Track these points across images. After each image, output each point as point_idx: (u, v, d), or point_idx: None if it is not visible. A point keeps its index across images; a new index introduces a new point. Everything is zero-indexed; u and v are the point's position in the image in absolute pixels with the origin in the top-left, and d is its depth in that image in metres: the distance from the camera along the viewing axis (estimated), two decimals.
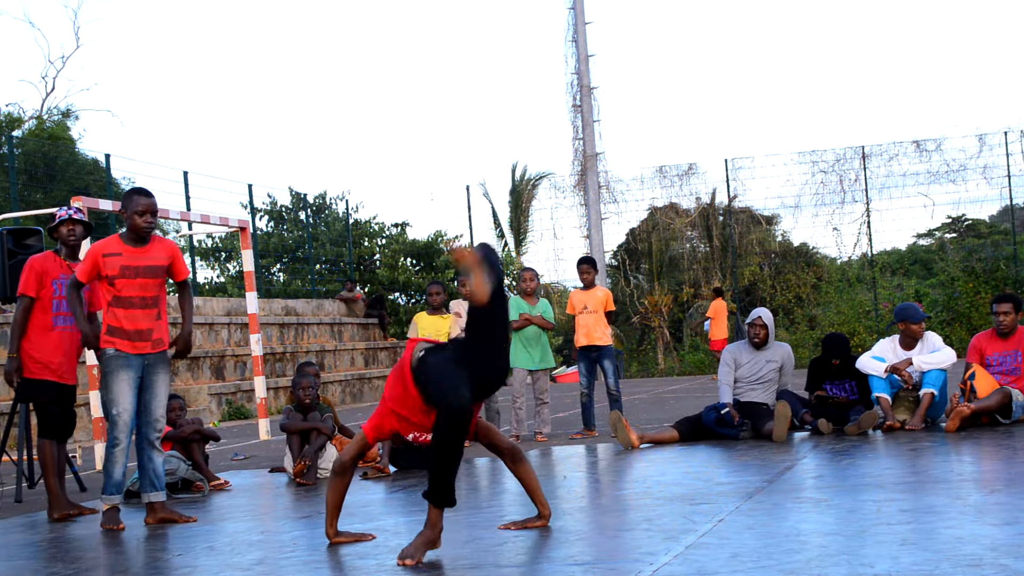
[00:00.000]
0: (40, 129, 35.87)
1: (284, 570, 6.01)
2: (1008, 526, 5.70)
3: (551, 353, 12.90)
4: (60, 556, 6.96)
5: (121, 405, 7.67)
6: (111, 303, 7.72)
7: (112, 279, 7.68)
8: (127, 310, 7.72)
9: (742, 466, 9.03)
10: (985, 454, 8.93)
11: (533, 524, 6.59)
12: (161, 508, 7.92)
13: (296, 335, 26.74)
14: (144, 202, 7.77)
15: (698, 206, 33.97)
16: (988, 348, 10.90)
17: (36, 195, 25.55)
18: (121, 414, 7.66)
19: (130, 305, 7.74)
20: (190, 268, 30.61)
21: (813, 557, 5.18)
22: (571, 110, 30.44)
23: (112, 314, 7.72)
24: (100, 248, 7.74)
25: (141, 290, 7.77)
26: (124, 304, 7.72)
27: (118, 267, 7.69)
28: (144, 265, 7.79)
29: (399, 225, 36.73)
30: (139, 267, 7.76)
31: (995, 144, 30.19)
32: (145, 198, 7.81)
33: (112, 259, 7.70)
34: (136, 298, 7.76)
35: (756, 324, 11.18)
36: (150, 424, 7.84)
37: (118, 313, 7.71)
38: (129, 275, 7.72)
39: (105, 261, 7.69)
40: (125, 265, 7.71)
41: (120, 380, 7.67)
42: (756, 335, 11.15)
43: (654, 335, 34.01)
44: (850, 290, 31.09)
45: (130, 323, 7.72)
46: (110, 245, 7.76)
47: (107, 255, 7.70)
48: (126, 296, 7.72)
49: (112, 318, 7.72)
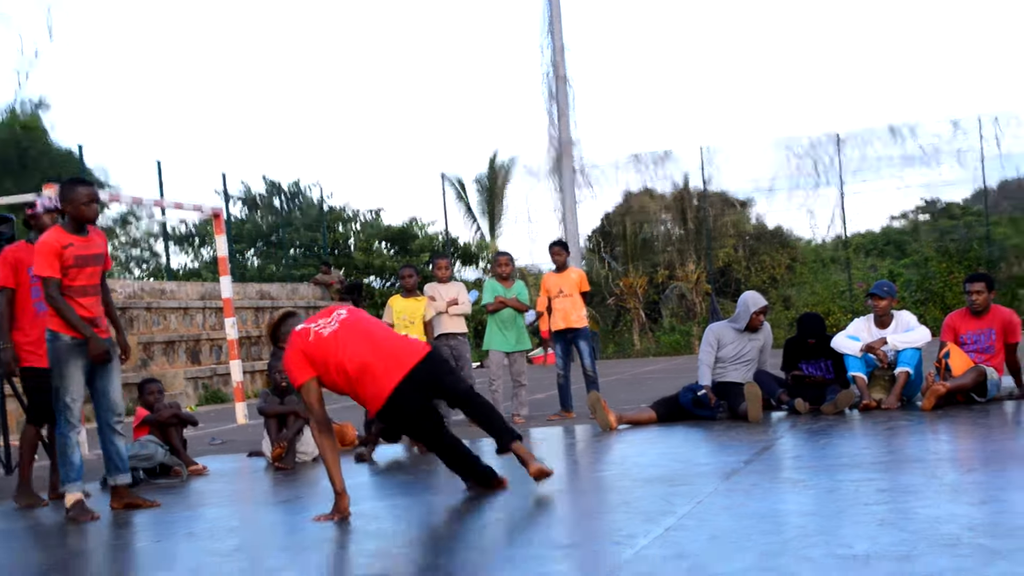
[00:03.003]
0: (13, 121, 35.61)
1: (264, 556, 6.01)
2: (984, 505, 5.74)
3: (527, 335, 12.90)
4: (38, 544, 6.94)
5: (75, 392, 7.67)
6: (64, 293, 7.66)
7: (67, 269, 7.66)
8: (80, 298, 7.70)
9: (720, 447, 9.06)
10: (961, 433, 8.97)
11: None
12: (126, 492, 7.91)
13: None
14: (87, 192, 7.75)
15: (673, 191, 34.00)
16: (962, 327, 10.95)
17: (7, 183, 25.35)
18: (76, 400, 7.67)
19: (83, 293, 7.73)
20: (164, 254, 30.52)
21: (791, 537, 5.20)
22: (547, 99, 30.38)
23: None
24: (55, 240, 7.67)
25: (90, 278, 7.80)
26: (77, 293, 7.70)
27: (73, 257, 7.68)
28: (91, 253, 7.80)
29: (374, 211, 36.70)
30: (88, 255, 7.77)
31: (969, 128, 30.28)
32: (87, 188, 7.79)
33: (69, 250, 7.69)
34: (89, 286, 7.78)
35: (763, 311, 11.17)
36: (109, 409, 7.82)
37: (73, 302, 7.66)
38: (81, 264, 7.72)
39: (64, 252, 7.66)
40: (78, 255, 7.71)
41: (74, 367, 7.66)
42: (760, 322, 11.17)
43: (630, 316, 34.04)
44: (824, 271, 31.20)
45: (83, 311, 7.72)
46: (62, 237, 7.72)
47: (65, 246, 7.67)
48: (79, 285, 7.72)
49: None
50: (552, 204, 32.42)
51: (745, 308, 11.18)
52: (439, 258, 12.53)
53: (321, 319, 7.19)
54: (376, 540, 6.13)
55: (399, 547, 5.94)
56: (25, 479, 8.57)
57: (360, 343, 7.03)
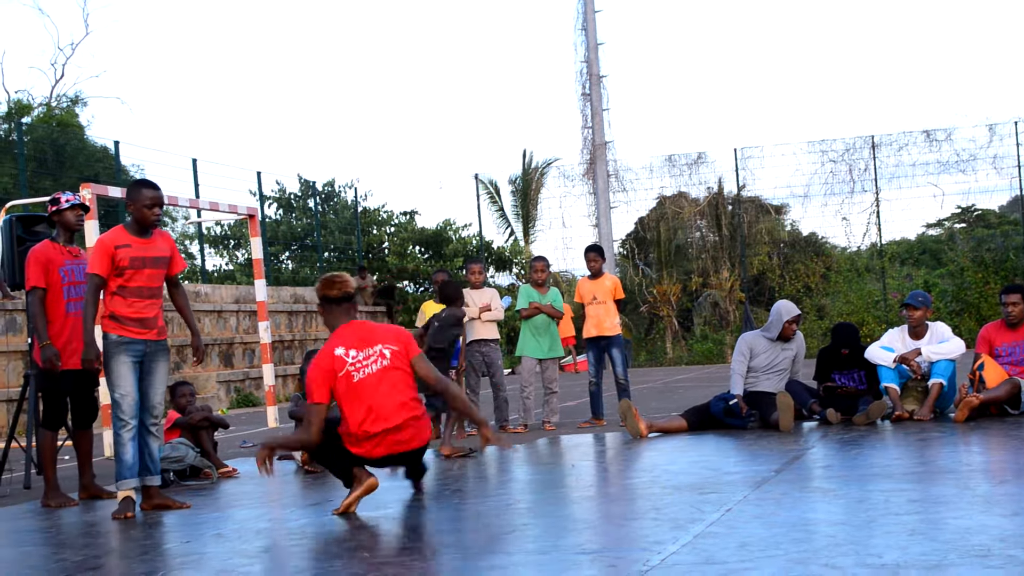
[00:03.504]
0: (49, 116, 35.88)
1: (292, 557, 6.03)
2: (1017, 516, 5.69)
3: (560, 342, 12.88)
4: (68, 543, 6.98)
5: (124, 388, 7.72)
6: (116, 292, 7.76)
7: (123, 270, 7.75)
8: (135, 299, 7.80)
9: (750, 455, 9.02)
10: (994, 444, 8.91)
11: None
12: (157, 494, 7.98)
13: (304, 323, 26.76)
14: (151, 195, 7.86)
15: (707, 195, 33.90)
16: (997, 339, 10.88)
17: (45, 182, 25.54)
18: (125, 397, 7.71)
19: (139, 295, 7.82)
20: (199, 256, 30.65)
21: (821, 547, 5.18)
22: (580, 99, 30.42)
23: (117, 302, 7.75)
24: (111, 240, 7.79)
25: (148, 280, 7.88)
26: (132, 294, 7.80)
27: (128, 258, 7.77)
28: (151, 256, 7.90)
29: (408, 213, 36.74)
30: (147, 258, 7.87)
31: (1005, 134, 30.08)
32: (152, 191, 7.89)
33: (123, 250, 7.79)
34: (145, 288, 7.86)
35: (796, 320, 11.12)
36: (147, 410, 7.87)
37: (125, 302, 7.76)
38: (138, 265, 7.81)
39: (117, 253, 7.75)
40: (135, 256, 7.80)
41: (122, 364, 7.73)
42: (793, 332, 11.12)
43: (663, 324, 33.97)
44: (859, 280, 31.04)
45: (136, 312, 7.80)
46: (119, 237, 7.84)
47: (119, 247, 7.77)
48: (135, 286, 7.81)
49: (117, 306, 7.75)
50: (586, 209, 32.41)
51: (778, 317, 11.13)
52: (473, 263, 12.53)
53: (357, 349, 7.32)
54: (404, 544, 6.14)
55: (426, 551, 5.95)
56: (50, 481, 8.62)
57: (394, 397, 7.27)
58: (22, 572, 5.98)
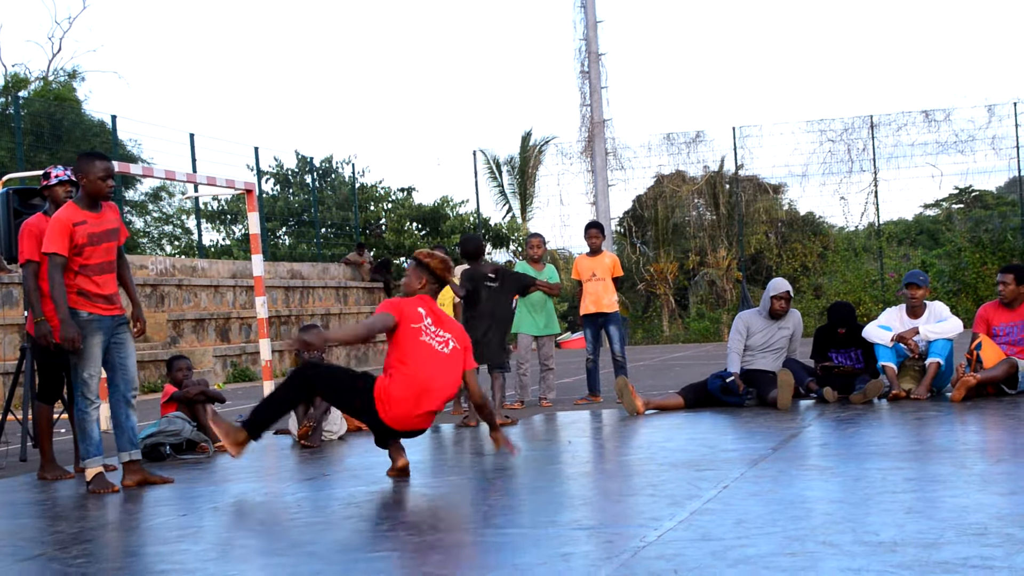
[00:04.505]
0: (46, 90, 35.77)
1: (288, 531, 6.02)
2: (1013, 496, 5.69)
3: (556, 319, 12.86)
4: (64, 515, 6.97)
5: (94, 368, 7.66)
6: (79, 271, 7.62)
7: (82, 248, 7.60)
8: (97, 276, 7.68)
9: (747, 433, 9.02)
10: (990, 424, 8.91)
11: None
12: (138, 468, 7.90)
13: (301, 298, 26.75)
14: (104, 166, 7.67)
15: (705, 174, 33.86)
16: (995, 318, 10.87)
17: (41, 156, 25.46)
18: (95, 376, 7.66)
19: (100, 271, 7.70)
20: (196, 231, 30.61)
21: (818, 524, 5.18)
22: (579, 76, 30.30)
23: (82, 280, 7.62)
24: (66, 218, 7.60)
25: (106, 255, 7.74)
26: (94, 271, 7.66)
27: (86, 235, 7.62)
28: (105, 230, 7.74)
29: (405, 190, 36.70)
30: (102, 232, 7.71)
31: (1004, 115, 30.03)
32: (104, 162, 7.71)
33: (80, 228, 7.61)
34: (105, 263, 7.73)
35: (782, 297, 11.08)
36: (128, 382, 7.82)
37: (90, 280, 7.64)
38: (96, 241, 7.66)
39: (76, 230, 7.60)
40: (92, 232, 7.64)
41: (94, 344, 7.65)
42: (782, 308, 11.09)
43: (659, 302, 33.96)
44: (856, 260, 31.03)
45: (101, 288, 7.69)
46: (74, 214, 7.64)
47: (76, 224, 7.60)
48: (95, 263, 7.67)
49: (83, 283, 7.63)
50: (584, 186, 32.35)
51: (766, 294, 11.15)
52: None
53: (435, 323, 7.45)
54: (401, 519, 6.14)
55: (424, 526, 5.95)
56: (46, 454, 8.61)
57: (448, 388, 7.43)
58: (17, 544, 5.97)
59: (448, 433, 10.29)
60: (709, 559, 4.58)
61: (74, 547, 5.74)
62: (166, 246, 37.82)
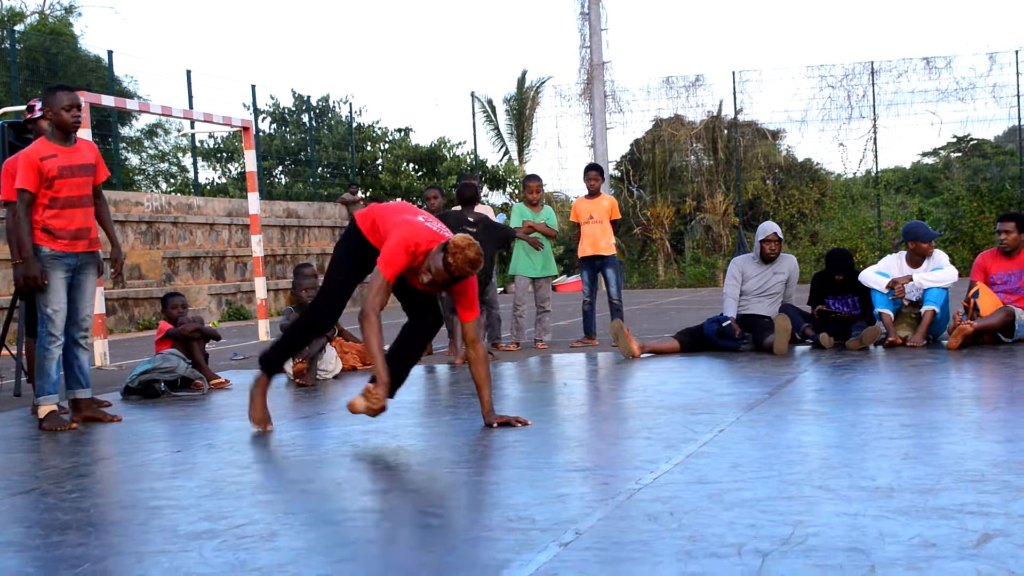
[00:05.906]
0: (42, 25, 35.50)
1: (282, 468, 6.02)
2: (1009, 443, 5.69)
3: (553, 261, 12.82)
4: (57, 450, 6.95)
5: (57, 303, 7.62)
6: (48, 205, 7.58)
7: (52, 181, 7.56)
8: (66, 210, 7.63)
9: (743, 378, 9.01)
10: (986, 372, 8.91)
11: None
12: (87, 406, 7.90)
13: (297, 237, 26.68)
14: (68, 97, 7.61)
15: (704, 118, 33.73)
16: (993, 267, 10.84)
17: (37, 91, 25.29)
18: (58, 312, 7.62)
19: (69, 205, 7.64)
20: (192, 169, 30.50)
21: (814, 469, 5.17)
22: (579, 18, 30.11)
23: (48, 215, 7.59)
24: (35, 153, 7.56)
25: (78, 189, 7.68)
26: (63, 204, 7.61)
27: (56, 168, 7.57)
28: (78, 164, 7.69)
29: (402, 131, 36.56)
30: (74, 166, 7.66)
31: (1006, 63, 29.91)
32: (68, 93, 7.65)
33: (50, 161, 7.57)
34: (75, 197, 7.67)
35: (771, 240, 11.06)
36: (77, 324, 7.80)
37: (56, 214, 7.59)
38: (67, 175, 7.61)
39: (44, 164, 7.55)
40: (63, 166, 7.60)
41: (56, 279, 7.61)
42: (772, 251, 11.06)
43: (655, 247, 33.94)
44: (853, 207, 30.99)
45: (69, 223, 7.65)
46: (43, 148, 7.61)
47: (44, 158, 7.56)
48: (65, 196, 7.62)
49: (48, 219, 7.60)
50: (582, 129, 32.24)
51: (756, 238, 11.17)
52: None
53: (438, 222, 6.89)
54: (395, 458, 6.13)
55: (418, 465, 5.94)
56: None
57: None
58: (11, 479, 5.96)
59: (443, 373, 10.28)
60: (705, 502, 4.57)
61: (68, 482, 5.73)
62: (162, 183, 37.71)
